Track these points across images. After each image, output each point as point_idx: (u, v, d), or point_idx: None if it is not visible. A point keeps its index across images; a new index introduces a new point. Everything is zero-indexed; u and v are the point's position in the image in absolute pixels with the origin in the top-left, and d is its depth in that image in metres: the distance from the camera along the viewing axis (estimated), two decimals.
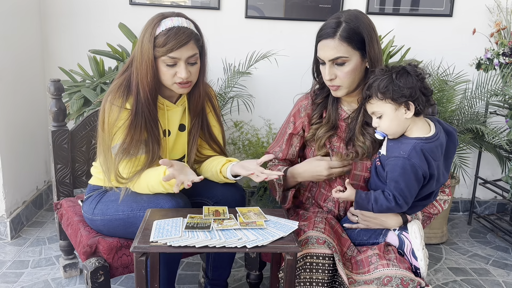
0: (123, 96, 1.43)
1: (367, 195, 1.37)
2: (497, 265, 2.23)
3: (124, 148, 1.41)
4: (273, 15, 2.56)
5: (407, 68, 1.31)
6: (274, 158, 1.60)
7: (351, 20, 1.37)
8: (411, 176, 1.29)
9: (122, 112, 1.42)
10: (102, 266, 1.41)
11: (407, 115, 1.31)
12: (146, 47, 1.39)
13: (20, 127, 2.37)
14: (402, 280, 1.23)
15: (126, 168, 1.43)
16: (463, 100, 2.34)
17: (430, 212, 1.47)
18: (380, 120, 1.34)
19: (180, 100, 1.55)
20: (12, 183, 2.29)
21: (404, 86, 1.28)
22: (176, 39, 1.37)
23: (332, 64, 1.39)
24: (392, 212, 1.38)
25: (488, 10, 2.56)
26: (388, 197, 1.33)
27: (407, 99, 1.29)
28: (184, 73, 1.40)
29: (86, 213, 1.57)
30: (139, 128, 1.42)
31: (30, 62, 2.47)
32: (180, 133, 1.57)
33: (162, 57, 1.39)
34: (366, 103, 1.36)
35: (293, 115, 1.58)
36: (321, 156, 1.48)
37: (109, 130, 1.43)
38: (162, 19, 1.41)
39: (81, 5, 2.53)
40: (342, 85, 1.41)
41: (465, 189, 2.85)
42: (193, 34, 1.42)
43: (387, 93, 1.29)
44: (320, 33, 1.41)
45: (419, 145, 1.30)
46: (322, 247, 1.29)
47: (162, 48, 1.38)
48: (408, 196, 1.32)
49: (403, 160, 1.29)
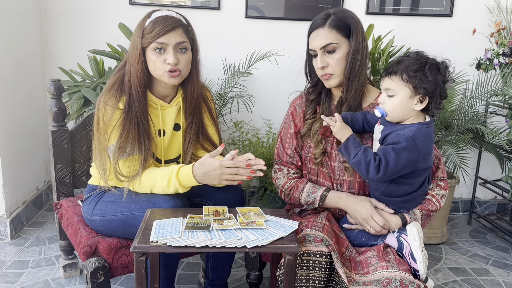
0: (116, 96, 1.45)
1: (358, 142, 1.36)
2: (497, 265, 2.23)
3: (120, 147, 1.42)
4: (273, 15, 2.56)
5: (440, 65, 1.32)
6: (290, 163, 1.57)
7: (339, 12, 1.45)
8: (406, 154, 1.30)
9: (115, 112, 1.43)
10: (102, 266, 1.41)
11: (417, 106, 1.33)
12: (136, 38, 1.43)
13: (20, 127, 2.38)
14: (402, 282, 1.22)
15: (124, 167, 1.44)
16: (463, 100, 2.34)
17: (428, 209, 1.44)
18: (389, 98, 1.34)
19: (174, 100, 1.56)
20: (12, 183, 2.29)
21: (431, 80, 1.29)
22: (163, 24, 1.40)
23: (323, 52, 1.43)
24: (362, 174, 1.36)
25: (488, 10, 2.56)
26: (376, 158, 1.32)
27: (426, 93, 1.30)
28: (172, 58, 1.41)
29: (85, 213, 1.57)
30: (132, 125, 1.43)
31: (30, 62, 2.47)
32: (175, 133, 1.57)
33: (151, 44, 1.41)
34: (385, 76, 1.36)
35: (291, 114, 1.59)
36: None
37: (104, 130, 1.44)
38: (152, 12, 1.45)
39: (81, 5, 2.53)
40: (334, 73, 1.44)
41: (465, 189, 2.85)
42: (181, 22, 1.44)
43: (413, 78, 1.29)
44: (311, 26, 1.47)
45: (422, 128, 1.33)
46: (319, 245, 1.29)
47: (150, 34, 1.40)
48: (390, 170, 1.30)
49: (407, 137, 1.30)
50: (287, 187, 1.54)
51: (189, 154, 1.58)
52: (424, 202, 1.45)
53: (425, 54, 1.34)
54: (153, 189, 1.43)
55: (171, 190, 1.41)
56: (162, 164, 1.54)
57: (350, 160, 1.36)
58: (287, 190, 1.54)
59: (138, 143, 1.44)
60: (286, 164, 1.57)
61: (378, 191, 1.42)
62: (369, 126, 1.45)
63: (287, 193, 1.54)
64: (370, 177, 1.33)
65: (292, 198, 1.53)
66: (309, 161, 1.54)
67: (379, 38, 2.32)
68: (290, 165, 1.57)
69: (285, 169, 1.57)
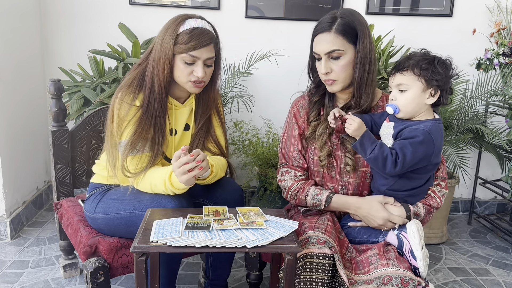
0: (134, 93, 1.47)
1: (373, 138, 1.38)
2: (497, 265, 2.23)
3: (131, 144, 1.43)
4: (273, 15, 2.56)
5: (446, 61, 1.37)
6: (296, 166, 1.56)
7: (346, 15, 1.40)
8: (423, 148, 1.33)
9: (132, 109, 1.45)
10: (102, 266, 1.41)
11: (429, 100, 1.36)
12: (167, 42, 1.43)
13: (20, 127, 2.38)
14: (402, 279, 1.23)
15: (132, 164, 1.45)
16: (463, 100, 2.34)
17: (430, 205, 1.45)
18: (401, 94, 1.37)
19: (187, 101, 1.58)
20: (12, 183, 2.29)
21: (442, 73, 1.34)
22: (199, 39, 1.42)
23: (327, 58, 1.41)
24: (379, 169, 1.37)
25: (488, 10, 2.56)
26: (392, 152, 1.34)
27: (438, 86, 1.34)
28: (201, 73, 1.44)
29: (87, 212, 1.57)
30: (148, 123, 1.45)
31: (30, 62, 2.47)
32: (185, 133, 1.59)
33: (182, 54, 1.43)
34: (395, 72, 1.38)
35: (293, 115, 1.57)
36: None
37: (118, 126, 1.46)
38: (186, 19, 1.45)
39: (81, 5, 2.53)
40: (338, 79, 1.43)
41: (465, 189, 2.85)
42: (214, 38, 1.47)
43: (425, 72, 1.33)
44: (316, 28, 1.44)
45: (436, 124, 1.37)
46: (323, 247, 1.29)
47: (185, 45, 1.41)
48: (407, 163, 1.33)
49: (424, 131, 1.33)
50: (294, 189, 1.53)
51: None
52: (426, 197, 1.47)
53: (430, 52, 1.39)
54: (154, 189, 1.44)
55: (170, 192, 1.41)
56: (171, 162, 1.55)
57: (366, 156, 1.37)
58: (294, 192, 1.53)
59: (151, 142, 1.46)
60: (292, 167, 1.56)
61: (386, 185, 1.43)
62: (377, 127, 1.46)
63: (293, 195, 1.53)
64: (387, 172, 1.36)
65: (298, 200, 1.53)
66: (314, 163, 1.53)
67: (379, 38, 2.32)
68: (297, 168, 1.55)
69: (292, 172, 1.55)
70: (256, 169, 2.46)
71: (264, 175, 2.39)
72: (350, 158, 1.46)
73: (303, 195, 1.51)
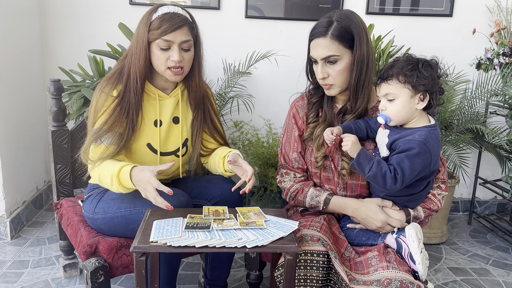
0: (113, 84, 1.48)
1: (370, 155, 1.36)
2: (497, 265, 2.23)
3: (97, 132, 1.44)
4: (273, 15, 2.56)
5: (431, 62, 1.33)
6: (296, 168, 1.56)
7: (342, 19, 1.38)
8: (420, 160, 1.30)
9: (108, 99, 1.47)
10: (102, 266, 1.41)
11: (419, 105, 1.33)
12: (142, 31, 1.45)
13: (20, 127, 2.38)
14: (402, 282, 1.22)
15: (94, 152, 1.46)
16: (463, 100, 2.34)
17: (430, 208, 1.45)
18: (390, 103, 1.34)
19: (173, 91, 1.58)
20: (12, 183, 2.29)
21: (428, 76, 1.30)
22: (170, 22, 1.42)
23: (324, 62, 1.40)
24: (380, 186, 1.35)
25: (488, 10, 2.56)
26: (390, 168, 1.32)
27: (426, 90, 1.31)
28: (177, 56, 1.44)
29: (87, 213, 1.57)
30: (121, 113, 1.45)
31: (30, 62, 2.47)
32: (174, 126, 1.58)
33: (157, 40, 1.43)
34: (381, 83, 1.35)
35: (293, 116, 1.57)
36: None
37: (94, 114, 1.48)
38: (159, 7, 1.47)
39: (81, 5, 2.53)
40: (335, 84, 1.42)
41: (465, 189, 2.85)
42: (187, 20, 1.47)
43: (410, 78, 1.30)
44: (312, 32, 1.42)
45: (431, 131, 1.33)
46: (316, 245, 1.29)
47: (157, 30, 1.42)
48: (407, 178, 1.31)
49: (419, 143, 1.30)
50: (293, 190, 1.53)
51: (198, 147, 1.61)
52: (426, 201, 1.46)
53: (413, 56, 1.35)
54: (102, 180, 1.44)
55: (114, 189, 1.40)
56: (158, 155, 1.55)
57: (365, 175, 1.35)
58: (293, 193, 1.53)
59: (119, 136, 1.45)
60: (292, 169, 1.55)
61: (384, 192, 1.42)
62: (373, 132, 1.44)
63: (293, 196, 1.53)
64: (388, 188, 1.33)
65: (297, 201, 1.53)
66: (311, 164, 1.53)
67: (379, 38, 2.32)
68: (296, 169, 1.55)
69: (292, 173, 1.55)
70: (256, 169, 2.46)
71: (264, 175, 2.39)
72: (347, 162, 1.46)
73: (302, 196, 1.51)
